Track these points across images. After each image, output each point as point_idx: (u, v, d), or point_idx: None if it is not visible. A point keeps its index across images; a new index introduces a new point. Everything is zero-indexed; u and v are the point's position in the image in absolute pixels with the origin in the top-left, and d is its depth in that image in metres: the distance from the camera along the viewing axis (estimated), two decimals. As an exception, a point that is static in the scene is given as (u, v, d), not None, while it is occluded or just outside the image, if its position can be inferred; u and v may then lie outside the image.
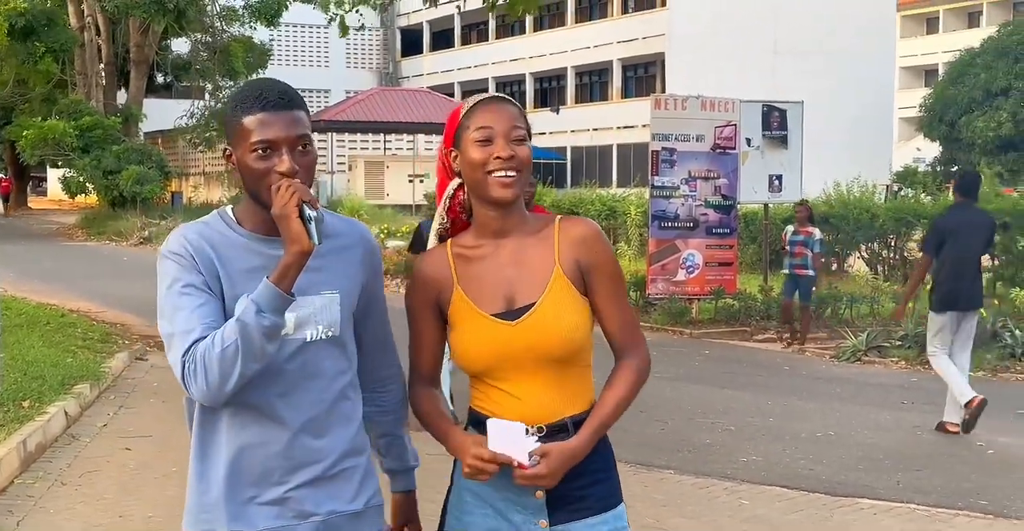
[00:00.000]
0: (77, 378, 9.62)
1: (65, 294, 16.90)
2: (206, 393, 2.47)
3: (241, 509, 2.61)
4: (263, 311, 2.41)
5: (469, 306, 2.73)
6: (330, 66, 64.05)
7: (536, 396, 2.70)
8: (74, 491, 6.90)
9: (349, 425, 2.70)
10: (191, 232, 2.63)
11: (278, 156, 2.54)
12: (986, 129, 45.37)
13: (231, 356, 2.42)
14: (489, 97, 2.79)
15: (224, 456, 2.61)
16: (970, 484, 7.67)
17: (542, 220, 2.81)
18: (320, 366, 2.63)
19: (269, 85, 2.61)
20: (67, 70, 38.52)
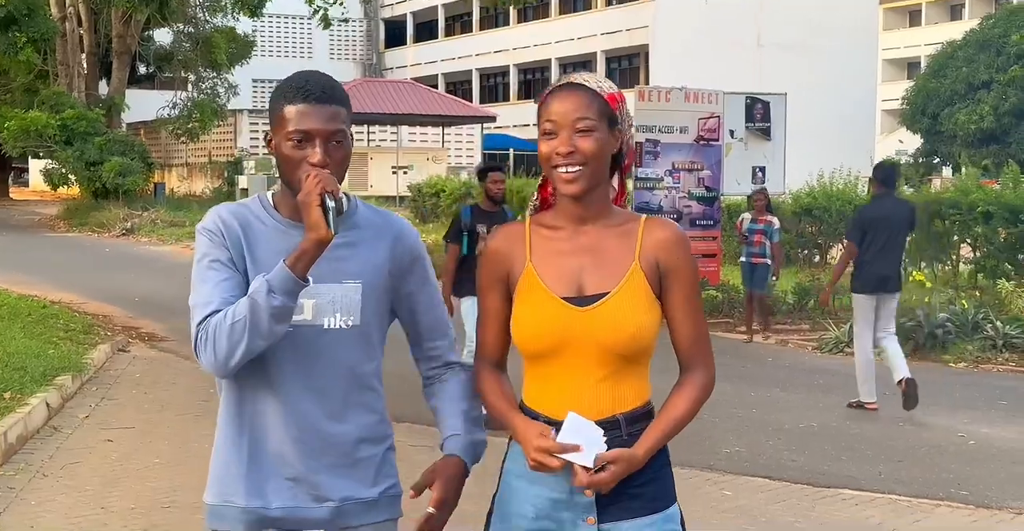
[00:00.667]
0: (59, 369, 9.58)
1: (47, 285, 16.83)
2: (213, 364, 2.57)
3: (259, 486, 2.70)
4: (274, 291, 2.50)
5: (538, 283, 2.68)
6: (313, 57, 63.83)
7: (590, 388, 2.65)
8: (56, 483, 6.88)
9: (369, 414, 2.76)
10: (225, 210, 2.74)
11: (312, 147, 2.62)
12: (968, 122, 45.55)
13: (239, 331, 2.52)
14: (562, 84, 2.72)
15: (246, 434, 2.71)
16: (951, 475, 7.71)
17: (627, 215, 2.76)
18: (338, 354, 2.70)
19: (315, 78, 2.70)
20: (49, 61, 38.30)
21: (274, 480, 2.69)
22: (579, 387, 2.66)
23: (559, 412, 2.64)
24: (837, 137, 43.48)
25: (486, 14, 60.13)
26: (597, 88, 2.67)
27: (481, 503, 2.93)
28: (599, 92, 2.67)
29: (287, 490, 2.68)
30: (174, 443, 7.98)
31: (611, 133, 2.67)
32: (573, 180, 2.63)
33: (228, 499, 2.72)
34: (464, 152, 48.21)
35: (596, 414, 2.63)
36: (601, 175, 2.68)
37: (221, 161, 43.43)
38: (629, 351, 2.64)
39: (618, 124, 2.69)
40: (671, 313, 2.70)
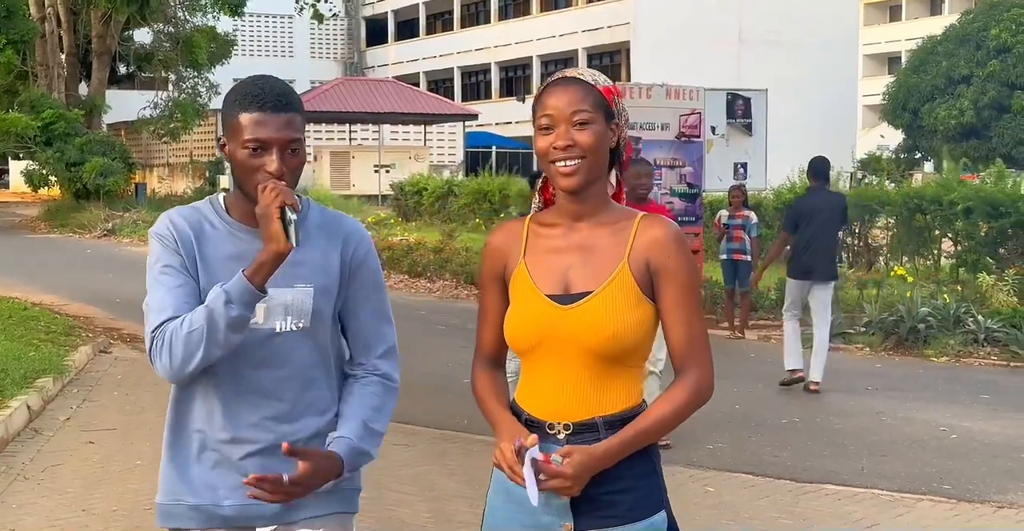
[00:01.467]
0: (40, 372, 9.54)
1: (27, 287, 16.76)
2: (168, 371, 2.61)
3: (208, 484, 2.72)
4: (231, 302, 2.52)
5: (527, 281, 2.66)
6: (295, 56, 63.77)
7: (569, 389, 2.61)
8: (37, 486, 6.84)
9: (320, 415, 2.77)
10: (177, 215, 2.74)
11: (268, 156, 2.62)
12: (948, 117, 45.73)
13: (195, 340, 2.54)
14: (556, 79, 2.69)
15: (195, 434, 2.74)
16: (933, 469, 7.73)
17: (623, 213, 2.70)
18: (289, 356, 2.72)
19: (269, 85, 2.68)
20: (28, 62, 38.14)
21: (224, 478, 2.71)
22: (561, 387, 2.63)
23: (541, 411, 2.64)
24: (818, 132, 43.57)
25: (467, 12, 60.12)
26: (592, 81, 2.65)
27: (474, 505, 2.92)
28: (594, 85, 2.65)
29: (238, 488, 2.68)
30: (156, 445, 7.91)
31: (608, 126, 2.65)
32: (572, 173, 2.60)
33: (178, 497, 2.75)
34: (446, 150, 48.20)
35: (574, 416, 2.60)
36: (599, 169, 2.65)
37: (202, 161, 43.32)
38: (610, 352, 2.58)
39: (615, 117, 2.67)
40: (663, 314, 2.63)
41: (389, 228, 23.71)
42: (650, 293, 2.61)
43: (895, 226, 17.66)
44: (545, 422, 2.63)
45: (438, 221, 26.27)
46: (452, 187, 28.47)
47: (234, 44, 43.22)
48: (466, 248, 19.15)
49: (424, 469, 7.29)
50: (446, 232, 21.42)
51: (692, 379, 2.63)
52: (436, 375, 9.97)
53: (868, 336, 12.80)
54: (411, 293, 17.16)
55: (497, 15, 57.67)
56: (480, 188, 26.80)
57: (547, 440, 2.61)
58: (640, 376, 2.69)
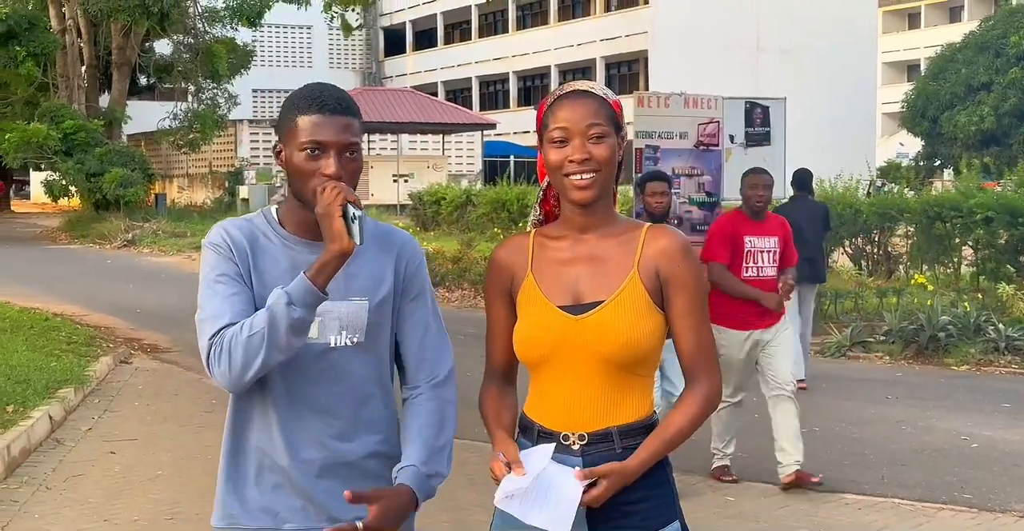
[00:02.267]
0: (61, 382, 9.59)
1: (49, 298, 16.85)
2: (227, 377, 2.53)
3: (268, 507, 2.66)
4: (293, 303, 2.46)
5: (537, 293, 2.67)
6: (313, 66, 63.97)
7: (584, 399, 2.62)
8: (59, 496, 6.88)
9: (376, 433, 2.72)
10: (231, 225, 2.70)
11: (326, 158, 2.58)
12: (968, 124, 45.54)
13: (256, 344, 2.47)
14: (568, 92, 2.69)
15: (253, 455, 2.67)
16: (954, 478, 7.70)
17: (631, 224, 2.73)
18: (344, 371, 2.66)
19: (328, 89, 2.66)
20: (49, 73, 38.36)
21: (284, 500, 2.65)
22: (574, 397, 2.64)
23: (555, 422, 2.65)
24: (837, 141, 43.55)
25: (485, 22, 60.21)
26: (603, 95, 2.67)
27: (484, 514, 2.93)
28: (606, 99, 2.66)
29: (298, 511, 2.65)
30: (177, 455, 7.99)
31: (617, 140, 2.67)
32: (587, 187, 2.61)
33: (236, 521, 2.68)
34: (464, 160, 48.26)
35: (588, 426, 2.62)
36: (611, 182, 2.68)
37: (222, 171, 43.49)
38: (623, 361, 2.60)
39: (622, 130, 2.69)
40: (672, 323, 2.65)
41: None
42: (660, 302, 2.64)
43: (915, 234, 17.60)
44: (559, 433, 2.64)
45: (456, 230, 26.29)
46: (470, 196, 28.48)
47: (253, 55, 43.39)
48: (485, 257, 19.15)
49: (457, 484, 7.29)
50: (464, 241, 21.42)
51: (703, 389, 2.65)
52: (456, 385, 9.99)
53: (888, 345, 12.76)
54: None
55: (515, 24, 57.75)
56: (498, 197, 26.81)
57: (562, 451, 2.62)
58: (651, 386, 2.71)
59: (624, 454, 2.60)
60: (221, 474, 2.72)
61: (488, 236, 24.46)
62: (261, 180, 37.75)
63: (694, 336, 2.65)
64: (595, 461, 2.59)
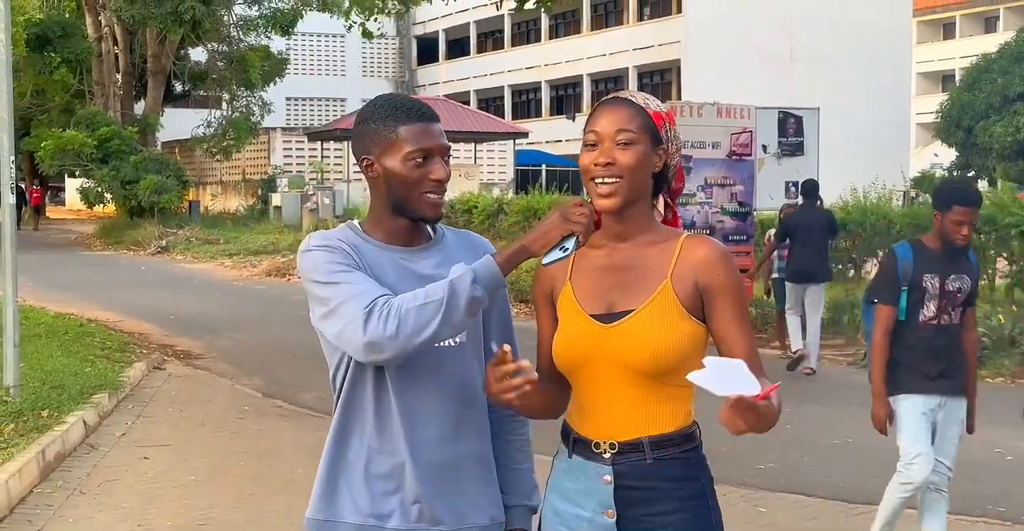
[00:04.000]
0: (95, 387, 9.66)
1: (84, 304, 16.97)
2: (394, 342, 2.45)
3: (374, 505, 2.68)
4: (477, 282, 2.47)
5: (572, 302, 2.68)
6: (346, 75, 64.21)
7: (616, 408, 2.61)
8: (93, 500, 6.93)
9: (478, 434, 2.76)
10: (332, 232, 2.72)
11: (433, 164, 2.64)
12: (1004, 134, 45.20)
13: (432, 311, 2.46)
14: (608, 98, 2.71)
15: (363, 453, 2.69)
16: (989, 491, 7.64)
17: (668, 232, 2.70)
18: (450, 372, 2.70)
19: (413, 100, 2.74)
20: (85, 80, 38.69)
21: (390, 500, 2.67)
22: (605, 406, 2.63)
23: (588, 430, 2.65)
24: (871, 151, 43.33)
25: (518, 31, 60.28)
26: (643, 104, 2.67)
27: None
28: (644, 107, 2.66)
29: (402, 511, 2.67)
30: (210, 460, 8.03)
31: (654, 151, 2.65)
32: (609, 194, 2.60)
33: (339, 515, 2.71)
34: (496, 168, 48.28)
35: (619, 435, 2.61)
36: (638, 190, 2.64)
37: (255, 179, 43.68)
38: (652, 370, 2.57)
39: (663, 143, 2.66)
40: (715, 333, 2.62)
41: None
42: (696, 312, 2.61)
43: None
44: (591, 441, 2.64)
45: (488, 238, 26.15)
46: (502, 205, 28.49)
47: (287, 63, 43.60)
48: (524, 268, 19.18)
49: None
50: (496, 250, 21.45)
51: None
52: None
53: (921, 356, 12.67)
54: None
55: (548, 33, 57.80)
56: (530, 206, 26.81)
57: (593, 459, 2.62)
58: (689, 396, 2.64)
59: (655, 465, 2.59)
60: (323, 469, 2.73)
61: (520, 245, 24.46)
62: (293, 187, 37.87)
63: (745, 341, 2.61)
64: (625, 471, 2.59)
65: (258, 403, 10.21)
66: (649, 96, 2.74)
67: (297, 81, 56.20)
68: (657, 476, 2.59)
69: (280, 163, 43.01)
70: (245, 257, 26.08)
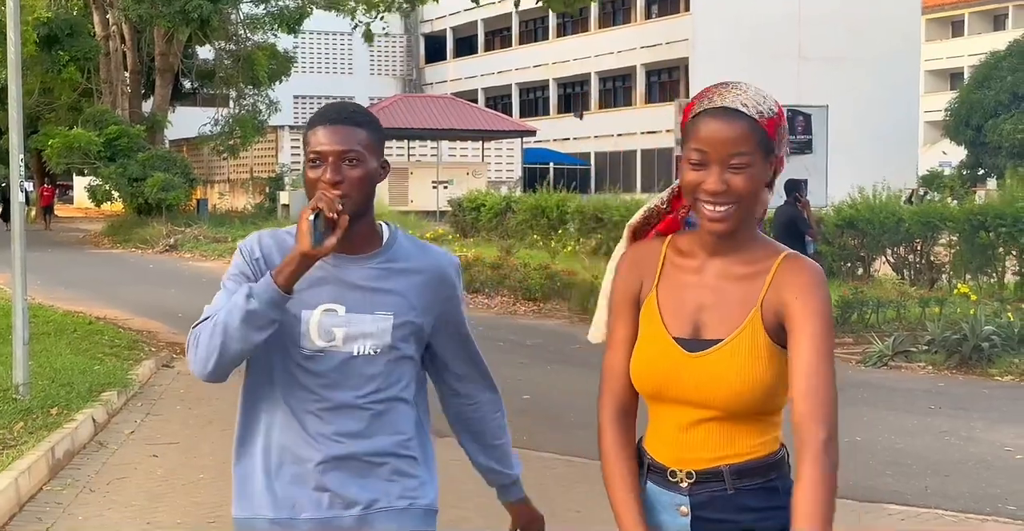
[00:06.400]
0: (104, 385, 9.66)
1: (92, 302, 16.99)
2: (195, 364, 2.64)
3: (285, 497, 2.75)
4: (252, 297, 2.55)
5: (656, 316, 2.45)
6: (354, 73, 64.29)
7: (694, 437, 2.41)
8: (102, 498, 6.93)
9: (397, 434, 2.80)
10: (266, 235, 2.82)
11: (323, 167, 2.67)
12: (1014, 132, 45.17)
13: (218, 333, 2.58)
14: (716, 108, 2.38)
15: (273, 449, 2.77)
16: (998, 490, 7.62)
17: (768, 250, 2.43)
18: (368, 377, 2.75)
19: (340, 104, 2.81)
20: (92, 79, 38.74)
21: (300, 491, 2.73)
22: (683, 434, 2.43)
23: (665, 457, 2.45)
24: (880, 149, 43.31)
25: (525, 29, 60.28)
26: (757, 114, 2.36)
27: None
28: (759, 118, 2.36)
29: (313, 502, 2.73)
30: (219, 458, 8.02)
31: (766, 164, 2.38)
32: (720, 219, 2.35)
33: (256, 512, 2.78)
34: (504, 166, 48.31)
35: (697, 464, 2.42)
36: (752, 212, 2.40)
37: (263, 177, 43.75)
38: (734, 409, 2.38)
39: (775, 152, 2.39)
40: (790, 361, 2.34)
41: (447, 244, 23.79)
42: (781, 341, 2.37)
43: (958, 243, 17.47)
44: (668, 468, 2.45)
45: (496, 237, 26.33)
46: (510, 203, 28.50)
47: (294, 61, 43.64)
48: (524, 264, 19.17)
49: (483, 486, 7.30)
50: (504, 248, 21.46)
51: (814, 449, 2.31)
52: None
53: (931, 354, 12.66)
54: (469, 309, 17.12)
55: (555, 32, 57.79)
56: (538, 204, 26.81)
57: (669, 488, 2.45)
58: (777, 423, 2.46)
59: (736, 495, 2.41)
60: (238, 466, 2.83)
61: (527, 243, 24.47)
62: (299, 186, 37.94)
63: (805, 380, 2.31)
64: (703, 501, 2.41)
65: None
66: (756, 95, 2.42)
67: (305, 79, 56.30)
68: (739, 507, 2.40)
69: (288, 161, 43.06)
70: (253, 255, 26.09)
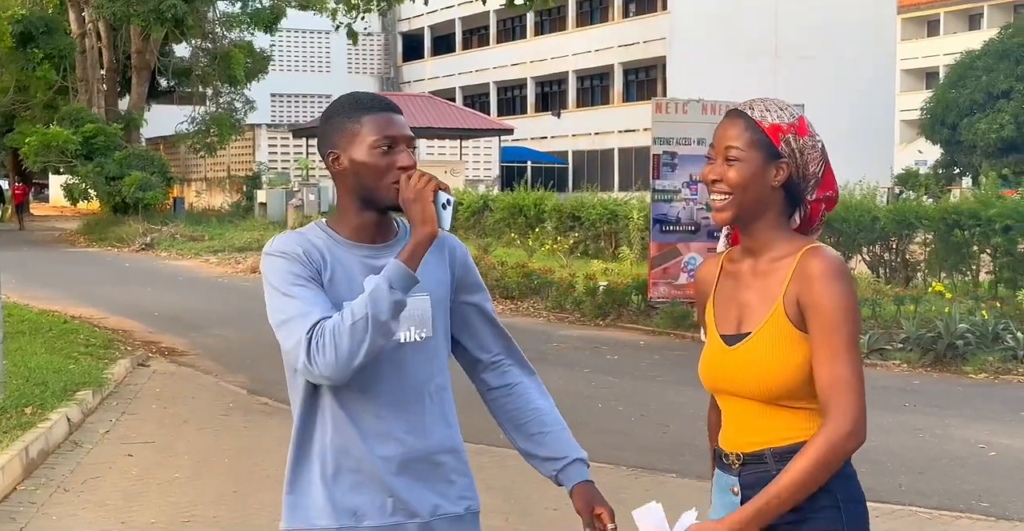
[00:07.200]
0: (79, 384, 9.63)
1: (67, 300, 16.92)
2: (334, 367, 2.50)
3: (346, 506, 2.67)
4: (394, 287, 2.50)
5: (711, 319, 2.70)
6: (332, 71, 64.14)
7: (742, 421, 2.63)
8: (76, 498, 6.91)
9: (447, 427, 2.78)
10: (296, 235, 2.72)
11: (399, 152, 2.66)
12: (988, 131, 45.43)
13: (361, 329, 2.49)
14: (730, 109, 2.68)
15: (329, 454, 2.67)
16: (972, 486, 7.67)
17: (794, 245, 2.60)
18: (416, 367, 2.71)
19: (376, 94, 2.78)
20: (68, 76, 38.56)
21: (363, 498, 2.66)
22: (734, 420, 2.67)
23: (724, 442, 2.70)
24: (856, 148, 43.41)
25: (503, 27, 60.28)
26: (759, 117, 2.60)
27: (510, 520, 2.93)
28: (758, 121, 2.59)
29: (377, 508, 2.66)
30: (194, 458, 8.01)
31: (772, 165, 2.58)
32: (720, 208, 2.62)
33: (313, 522, 2.68)
34: (482, 165, 48.30)
35: (743, 447, 2.63)
36: (751, 206, 2.60)
37: (240, 175, 43.62)
38: (762, 397, 2.58)
39: (782, 156, 2.58)
40: (812, 353, 2.52)
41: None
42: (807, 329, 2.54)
43: (933, 242, 17.55)
44: (724, 452, 2.70)
45: (473, 235, 26.32)
46: (487, 202, 28.50)
47: (270, 60, 43.53)
48: (501, 262, 19.17)
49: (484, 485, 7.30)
50: (481, 247, 21.45)
51: (828, 429, 2.49)
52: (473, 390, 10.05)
53: (905, 352, 12.72)
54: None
55: (533, 30, 57.80)
56: (515, 203, 26.83)
57: (726, 470, 2.68)
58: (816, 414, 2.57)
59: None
60: (290, 475, 2.71)
61: (505, 241, 24.47)
62: (278, 184, 37.87)
63: (827, 367, 2.49)
64: (750, 481, 2.59)
65: (243, 400, 10.19)
66: (773, 106, 2.65)
67: (282, 77, 56.17)
68: None
69: (265, 160, 42.96)
70: (230, 254, 26.04)
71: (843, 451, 2.51)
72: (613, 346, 13.76)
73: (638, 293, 15.47)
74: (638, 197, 24.79)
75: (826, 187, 2.65)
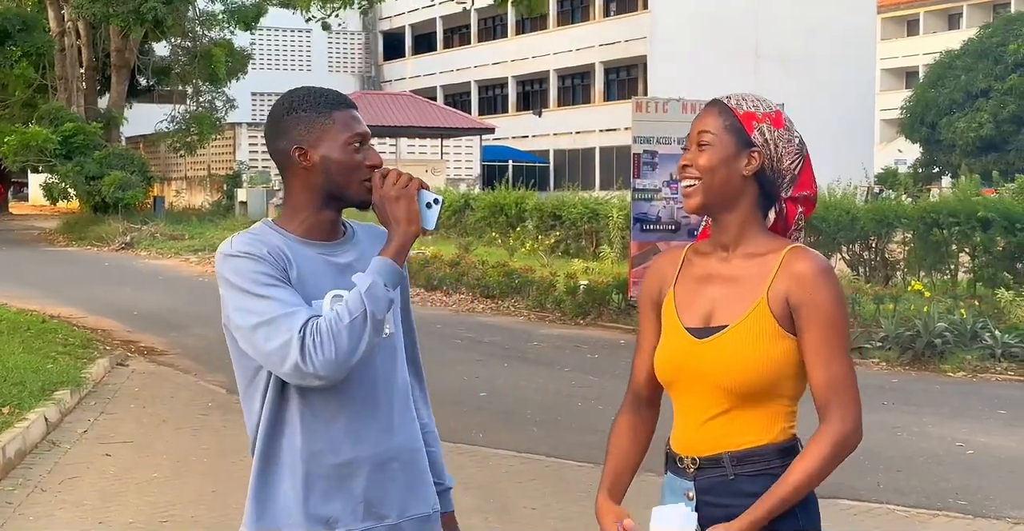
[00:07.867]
0: (57, 384, 9.58)
1: (46, 300, 16.84)
2: (333, 365, 2.43)
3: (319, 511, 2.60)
4: (387, 285, 2.48)
5: (672, 311, 2.63)
6: (312, 70, 63.99)
7: (701, 423, 2.56)
8: (54, 498, 6.88)
9: (412, 425, 2.75)
10: (252, 235, 2.63)
11: (368, 150, 2.64)
12: (967, 130, 45.63)
13: (360, 326, 2.44)
14: (707, 102, 2.68)
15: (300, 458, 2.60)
16: (949, 484, 7.70)
17: (774, 244, 2.58)
18: (386, 364, 2.67)
19: (330, 89, 2.73)
20: (48, 75, 38.38)
21: (333, 505, 2.60)
22: (692, 420, 2.59)
23: (677, 445, 2.63)
24: (836, 147, 43.54)
25: (484, 26, 60.27)
26: (734, 105, 2.59)
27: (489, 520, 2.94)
28: (732, 108, 2.58)
29: (349, 513, 2.61)
30: (172, 457, 7.98)
31: (744, 153, 2.56)
32: (688, 195, 2.58)
33: (277, 526, 2.61)
34: (463, 164, 48.28)
35: (700, 450, 2.57)
36: (719, 193, 2.56)
37: (220, 174, 43.48)
38: (742, 390, 2.51)
39: (755, 145, 2.56)
40: (804, 354, 2.50)
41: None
42: (791, 329, 2.51)
43: (912, 241, 17.61)
44: (678, 455, 2.62)
45: (454, 234, 26.31)
46: (468, 201, 28.48)
47: (251, 58, 43.38)
48: (482, 261, 19.16)
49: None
50: (462, 245, 21.44)
51: (832, 428, 2.50)
52: (452, 389, 9.87)
53: (884, 351, 12.77)
54: (427, 306, 17.18)
55: (514, 29, 57.80)
56: (496, 202, 26.81)
57: (680, 475, 2.61)
58: (786, 413, 2.58)
59: (736, 481, 2.54)
60: (259, 479, 2.64)
61: (486, 240, 24.46)
62: (258, 183, 37.75)
63: (824, 368, 2.49)
64: (705, 486, 2.55)
65: (222, 400, 10.15)
66: (751, 97, 2.64)
67: (263, 76, 55.98)
68: (740, 493, 2.52)
69: (246, 158, 42.82)
70: (210, 253, 25.93)
71: (847, 450, 2.51)
72: (593, 345, 13.76)
73: (618, 292, 15.48)
74: (619, 196, 24.81)
75: (803, 186, 2.61)
